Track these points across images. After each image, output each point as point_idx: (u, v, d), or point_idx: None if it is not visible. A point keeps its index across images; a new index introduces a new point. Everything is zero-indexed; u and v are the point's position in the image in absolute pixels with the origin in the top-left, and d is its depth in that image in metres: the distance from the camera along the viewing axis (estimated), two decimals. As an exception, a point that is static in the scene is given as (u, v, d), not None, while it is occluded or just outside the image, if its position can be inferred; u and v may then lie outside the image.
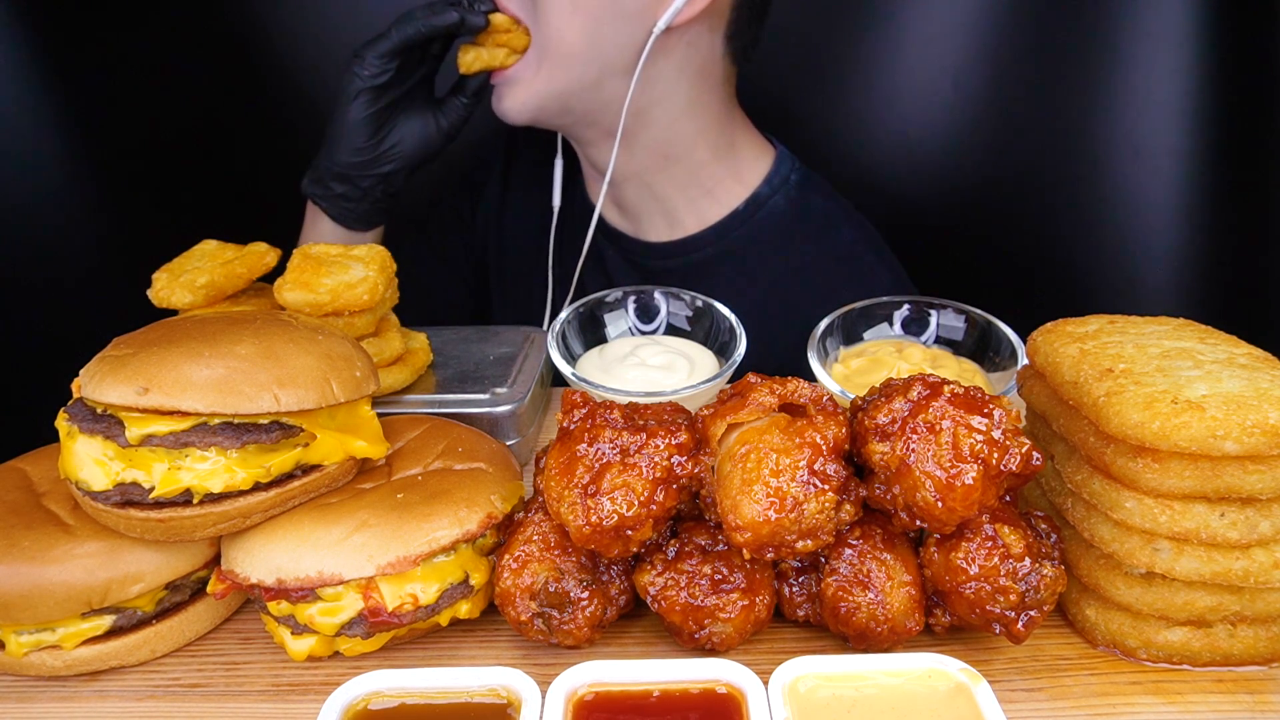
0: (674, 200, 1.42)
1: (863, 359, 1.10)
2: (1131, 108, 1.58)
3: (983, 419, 0.72)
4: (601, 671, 0.73)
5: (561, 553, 0.78)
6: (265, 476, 0.78)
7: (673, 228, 1.44)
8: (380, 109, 1.23)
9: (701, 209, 1.43)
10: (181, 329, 0.81)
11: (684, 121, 1.36)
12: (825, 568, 0.78)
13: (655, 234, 1.46)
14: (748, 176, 1.44)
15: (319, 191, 1.32)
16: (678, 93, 1.32)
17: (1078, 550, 0.81)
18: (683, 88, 1.32)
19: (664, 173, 1.39)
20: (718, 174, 1.42)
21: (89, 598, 0.77)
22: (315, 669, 0.81)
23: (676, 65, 1.30)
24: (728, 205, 1.43)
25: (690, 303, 1.23)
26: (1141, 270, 1.65)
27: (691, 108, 1.35)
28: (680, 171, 1.40)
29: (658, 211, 1.43)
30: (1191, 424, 0.70)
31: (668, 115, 1.34)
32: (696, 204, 1.43)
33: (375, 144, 1.26)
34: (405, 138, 1.27)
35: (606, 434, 0.76)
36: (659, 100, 1.31)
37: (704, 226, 1.43)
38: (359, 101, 1.22)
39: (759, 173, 1.44)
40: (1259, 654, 0.77)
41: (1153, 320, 0.87)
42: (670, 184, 1.40)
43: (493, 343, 1.19)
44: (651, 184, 1.40)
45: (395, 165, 1.28)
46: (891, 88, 1.73)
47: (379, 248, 1.04)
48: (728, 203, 1.43)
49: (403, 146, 1.27)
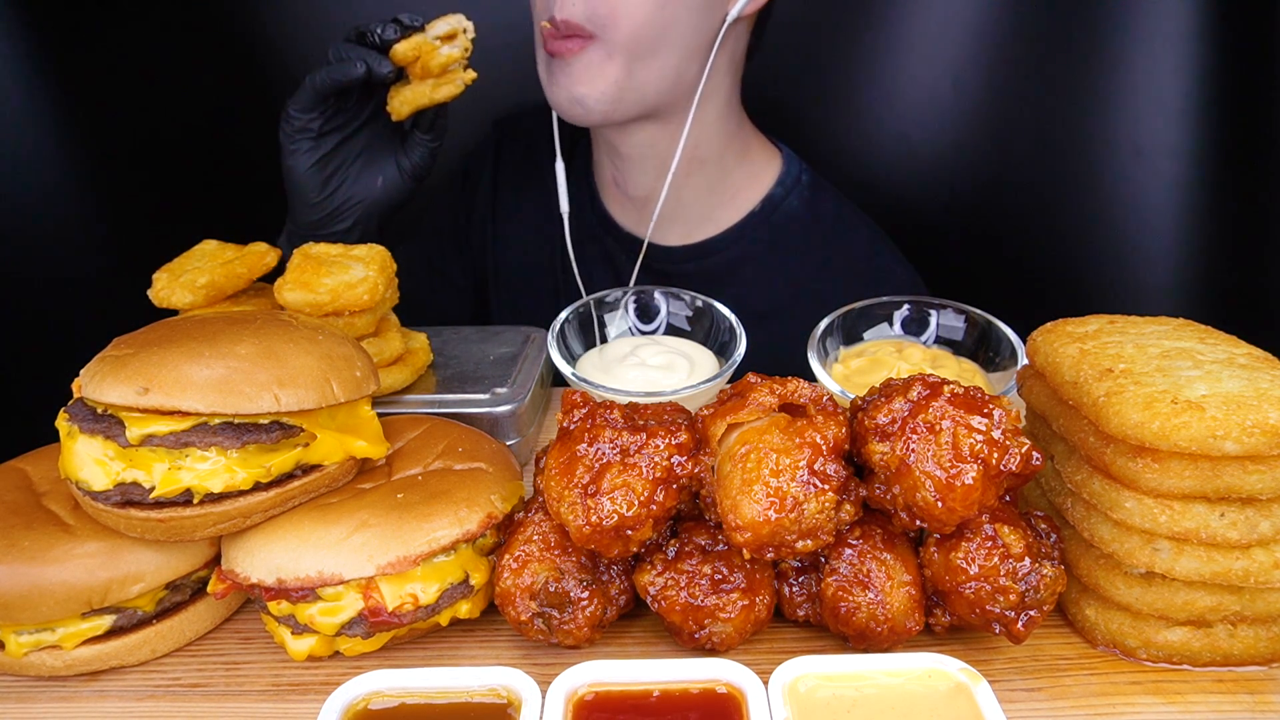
0: (696, 204, 1.41)
1: (863, 359, 1.09)
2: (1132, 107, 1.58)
3: (983, 419, 0.72)
4: (601, 671, 0.73)
5: (561, 553, 0.78)
6: (265, 476, 0.78)
7: (690, 231, 1.43)
8: (321, 158, 1.16)
9: (720, 212, 1.43)
10: (181, 329, 0.81)
11: (721, 120, 1.35)
12: (825, 568, 0.78)
13: (672, 238, 1.44)
14: (761, 178, 1.44)
15: None
16: (723, 88, 1.32)
17: (1078, 550, 0.81)
18: (726, 83, 1.32)
19: (691, 176, 1.37)
20: (738, 176, 1.42)
21: (89, 598, 0.77)
22: (315, 669, 0.81)
23: (727, 58, 1.28)
24: (743, 208, 1.43)
25: (690, 303, 1.23)
26: (1141, 270, 1.65)
27: (728, 105, 1.34)
28: (708, 174, 1.39)
29: (678, 215, 1.41)
30: (1191, 424, 0.70)
31: (715, 111, 1.32)
32: (716, 207, 1.42)
33: (327, 199, 1.18)
34: (359, 191, 1.19)
35: (606, 434, 0.76)
36: (710, 95, 1.30)
37: (722, 229, 1.42)
38: (294, 153, 1.15)
39: (771, 174, 1.45)
40: (1259, 654, 0.77)
41: (1153, 320, 0.87)
42: (696, 187, 1.39)
43: (493, 343, 1.19)
44: (680, 187, 1.38)
45: (351, 221, 1.20)
46: (891, 88, 1.73)
47: (379, 248, 1.04)
48: (744, 205, 1.43)
49: (358, 198, 1.19)
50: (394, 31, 1.11)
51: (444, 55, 1.11)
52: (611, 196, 1.48)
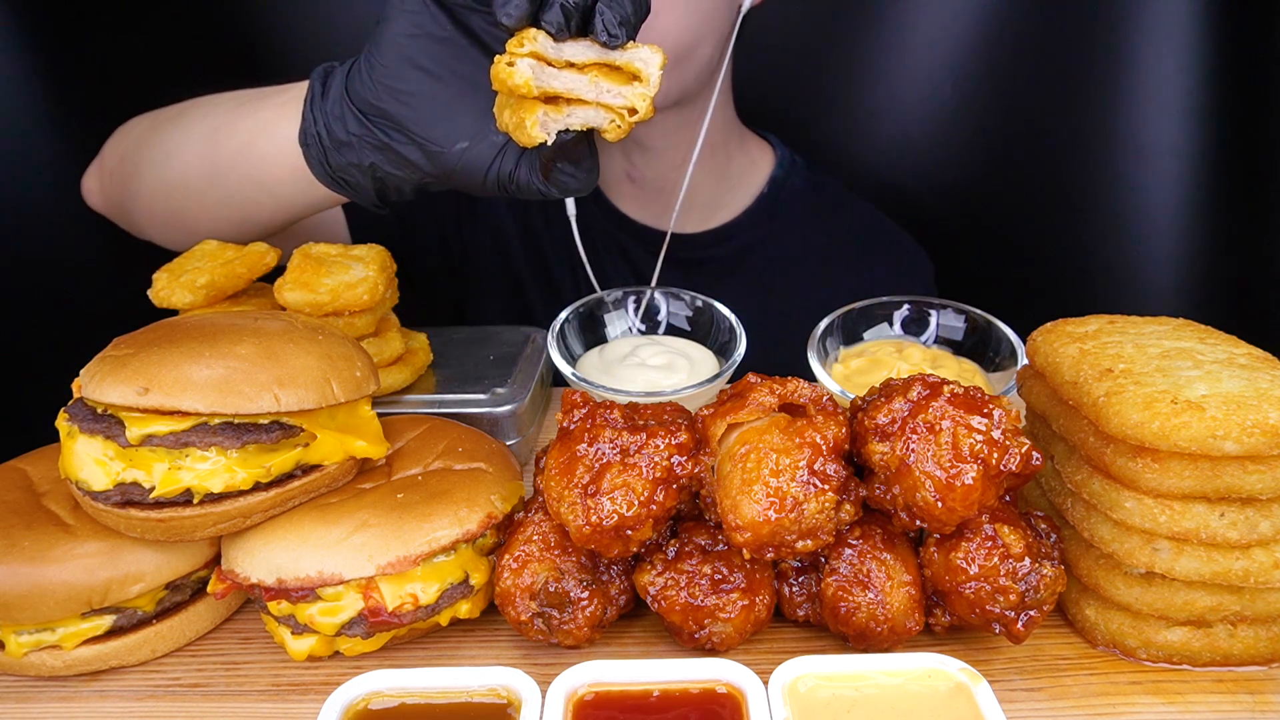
0: (707, 191, 1.45)
1: (863, 359, 1.09)
2: (1132, 107, 1.58)
3: (982, 419, 0.72)
4: (601, 671, 0.73)
5: (561, 553, 0.78)
6: (265, 476, 0.78)
7: (705, 219, 1.48)
8: (425, 36, 0.86)
9: (728, 198, 1.49)
10: (181, 329, 0.81)
11: (725, 108, 1.40)
12: (825, 568, 0.78)
13: (689, 226, 1.48)
14: (759, 164, 1.51)
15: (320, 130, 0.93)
16: (728, 77, 1.35)
17: (1078, 550, 0.81)
18: (729, 72, 1.35)
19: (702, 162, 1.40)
20: (739, 163, 1.48)
21: (89, 598, 0.77)
22: (315, 669, 0.81)
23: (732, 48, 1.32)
24: (750, 192, 1.49)
25: (690, 303, 1.23)
26: (1142, 270, 1.65)
27: (729, 94, 1.39)
28: (716, 160, 1.44)
29: (692, 203, 1.45)
30: (1191, 424, 0.70)
31: (723, 98, 1.36)
32: (725, 193, 1.48)
33: (397, 93, 0.87)
34: (430, 124, 0.88)
35: (606, 434, 0.76)
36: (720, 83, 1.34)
37: (736, 214, 1.48)
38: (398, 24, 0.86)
39: (766, 159, 1.52)
40: (1259, 654, 0.77)
41: (1153, 320, 0.87)
42: (706, 174, 1.43)
43: (493, 343, 1.19)
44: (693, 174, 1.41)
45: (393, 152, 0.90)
46: (892, 88, 1.73)
47: (379, 247, 1.04)
48: (750, 190, 1.50)
49: (421, 133, 0.88)
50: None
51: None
52: (624, 192, 1.49)
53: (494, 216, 1.53)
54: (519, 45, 0.78)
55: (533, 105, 0.79)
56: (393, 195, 0.96)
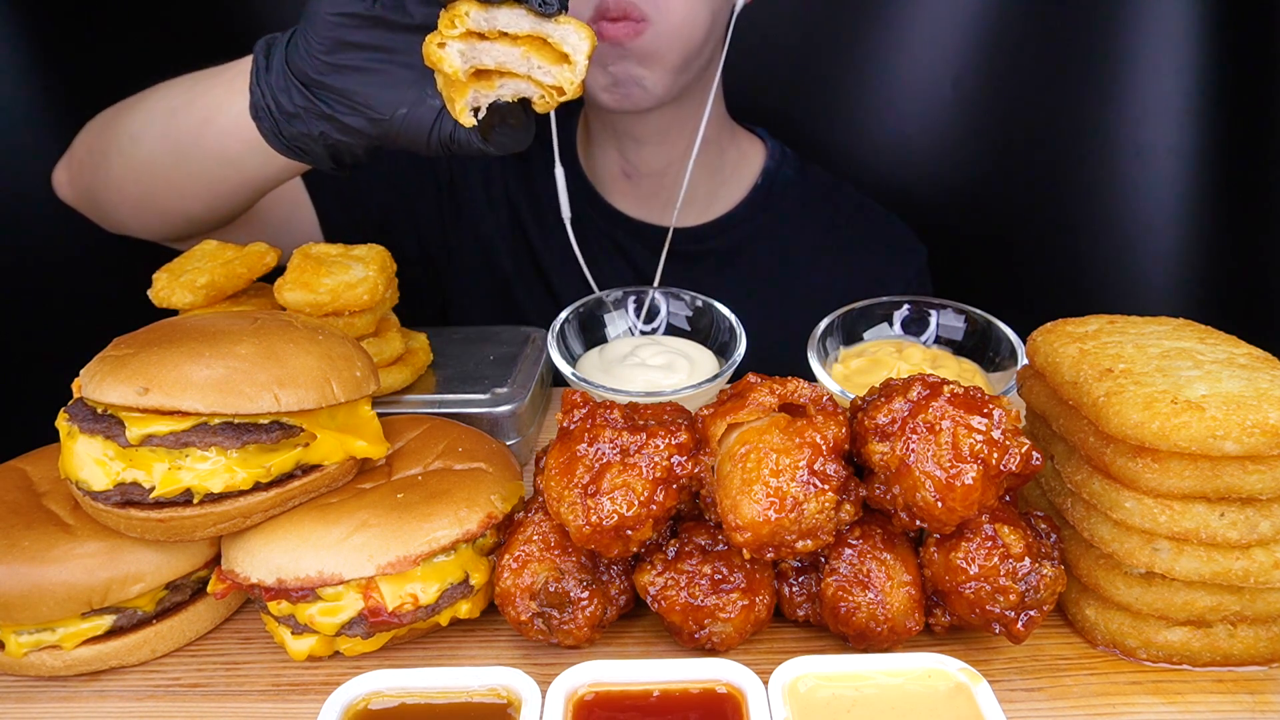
0: (703, 184, 1.48)
1: (863, 359, 1.10)
2: (1132, 107, 1.58)
3: (982, 419, 0.72)
4: (601, 671, 0.73)
5: (561, 553, 0.78)
6: (265, 476, 0.78)
7: (702, 212, 1.50)
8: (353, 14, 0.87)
9: (724, 190, 1.51)
10: (181, 329, 0.81)
11: (718, 102, 1.42)
12: (825, 568, 0.78)
13: (688, 220, 1.50)
14: (750, 156, 1.54)
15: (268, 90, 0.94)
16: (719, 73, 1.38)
17: (1078, 550, 0.81)
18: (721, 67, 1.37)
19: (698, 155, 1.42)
20: (731, 156, 1.51)
21: (89, 598, 0.77)
22: (315, 669, 0.81)
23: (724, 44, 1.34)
24: (744, 185, 1.52)
25: (690, 303, 1.23)
26: (1141, 270, 1.65)
27: (720, 88, 1.41)
28: (710, 154, 1.46)
29: (690, 197, 1.46)
30: (1191, 424, 0.70)
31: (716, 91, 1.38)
32: (720, 186, 1.50)
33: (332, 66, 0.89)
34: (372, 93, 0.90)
35: (606, 434, 0.76)
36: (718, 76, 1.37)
37: (733, 205, 1.51)
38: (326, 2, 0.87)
39: (757, 152, 1.55)
40: (1259, 654, 0.77)
41: (1153, 320, 0.87)
42: (702, 167, 1.45)
43: (493, 343, 1.19)
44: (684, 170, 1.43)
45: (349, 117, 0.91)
46: (892, 88, 1.73)
47: (378, 247, 1.04)
48: (744, 182, 1.52)
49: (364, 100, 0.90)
50: None
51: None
52: (619, 190, 1.50)
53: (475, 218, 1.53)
54: (450, 26, 0.81)
55: (463, 87, 0.84)
56: (347, 159, 0.98)
